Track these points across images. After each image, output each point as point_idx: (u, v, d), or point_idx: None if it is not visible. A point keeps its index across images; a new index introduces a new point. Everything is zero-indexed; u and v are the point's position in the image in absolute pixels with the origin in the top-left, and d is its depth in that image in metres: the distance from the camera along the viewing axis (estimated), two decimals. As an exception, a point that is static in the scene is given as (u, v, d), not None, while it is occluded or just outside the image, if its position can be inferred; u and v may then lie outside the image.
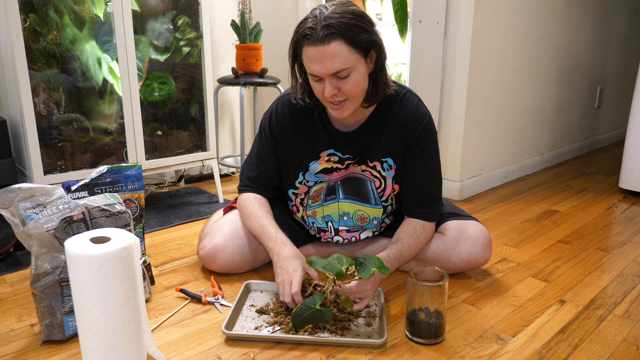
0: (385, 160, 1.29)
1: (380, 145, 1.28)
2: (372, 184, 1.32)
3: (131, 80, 1.84)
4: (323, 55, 1.07)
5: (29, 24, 1.61)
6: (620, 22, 3.21)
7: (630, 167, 2.24)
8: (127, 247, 0.88)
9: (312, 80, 1.15)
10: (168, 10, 1.94)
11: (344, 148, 1.29)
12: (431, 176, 1.30)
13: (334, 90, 1.11)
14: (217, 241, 1.36)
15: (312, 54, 1.08)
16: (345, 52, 1.07)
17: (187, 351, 1.04)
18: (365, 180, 1.32)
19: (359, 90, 1.14)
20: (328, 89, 1.11)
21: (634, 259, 1.54)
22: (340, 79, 1.11)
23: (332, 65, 1.07)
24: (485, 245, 1.34)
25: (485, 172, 2.34)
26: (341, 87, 1.11)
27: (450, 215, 1.39)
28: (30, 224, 1.00)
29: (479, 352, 1.04)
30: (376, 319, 1.16)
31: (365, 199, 1.34)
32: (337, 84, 1.11)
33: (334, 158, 1.30)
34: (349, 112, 1.17)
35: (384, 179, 1.31)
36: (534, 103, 2.58)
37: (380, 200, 1.34)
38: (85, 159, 1.81)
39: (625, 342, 1.09)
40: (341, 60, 1.07)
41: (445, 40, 2.09)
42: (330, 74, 1.09)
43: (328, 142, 1.29)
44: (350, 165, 1.31)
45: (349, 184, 1.34)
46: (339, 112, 1.16)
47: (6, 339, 1.09)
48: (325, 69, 1.08)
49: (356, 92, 1.14)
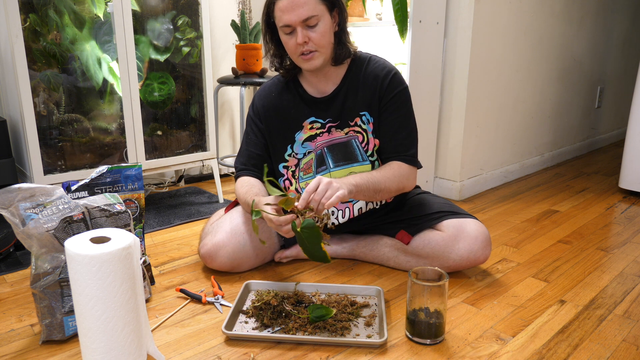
0: (363, 114, 1.38)
1: (357, 102, 1.37)
2: (356, 140, 1.39)
3: (131, 80, 1.84)
4: (294, 4, 1.22)
5: (29, 24, 1.61)
6: (620, 22, 3.21)
7: (630, 167, 2.24)
8: (127, 247, 0.88)
9: (284, 35, 1.28)
10: (168, 10, 1.94)
11: (323, 113, 1.39)
12: (405, 122, 1.37)
13: (304, 38, 1.25)
14: (219, 238, 1.36)
15: (284, 5, 1.23)
16: (313, 1, 1.24)
17: (187, 351, 1.04)
18: (349, 140, 1.39)
19: (326, 40, 1.28)
20: (299, 37, 1.25)
21: (634, 259, 1.54)
22: (310, 28, 1.25)
23: (302, 12, 1.22)
24: (485, 243, 1.34)
25: (485, 172, 2.34)
26: (310, 36, 1.25)
27: (449, 214, 1.39)
28: (30, 224, 1.00)
29: (479, 352, 1.04)
30: (376, 319, 1.16)
31: (353, 158, 1.39)
32: (307, 33, 1.25)
33: (316, 125, 1.39)
34: (319, 63, 1.29)
35: (366, 132, 1.39)
36: (534, 103, 2.58)
37: (366, 155, 1.39)
38: (85, 159, 1.81)
39: (625, 342, 1.09)
40: (310, 8, 1.23)
41: (445, 40, 2.09)
42: (301, 20, 1.23)
43: (308, 111, 1.39)
44: (333, 129, 1.39)
45: (336, 151, 1.39)
46: (309, 63, 1.29)
47: (6, 339, 1.09)
48: (296, 15, 1.22)
49: (324, 42, 1.28)
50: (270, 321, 1.12)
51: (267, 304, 1.17)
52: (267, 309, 1.15)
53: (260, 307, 1.16)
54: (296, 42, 1.26)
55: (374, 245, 1.45)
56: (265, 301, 1.17)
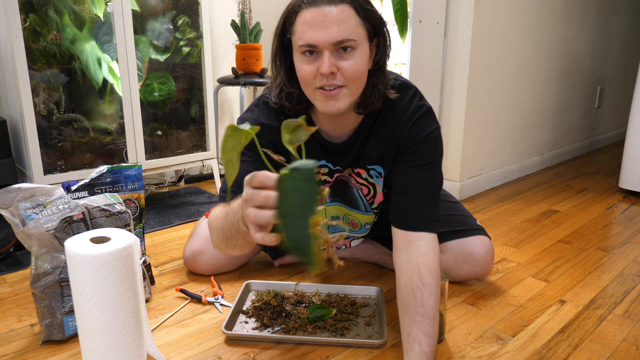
0: (372, 168, 1.15)
1: (371, 154, 1.12)
2: (360, 192, 1.21)
3: (131, 80, 1.84)
4: (327, 18, 0.89)
5: (29, 24, 1.61)
6: (620, 22, 3.21)
7: (630, 167, 2.24)
8: (127, 247, 0.88)
9: (302, 57, 0.95)
10: (168, 10, 1.94)
11: (335, 160, 1.15)
12: (429, 175, 1.07)
13: (332, 67, 0.92)
14: (195, 246, 1.36)
15: (312, 17, 0.90)
16: (354, 20, 0.91)
17: (187, 351, 1.04)
18: (352, 187, 1.21)
19: (360, 75, 0.95)
20: (326, 64, 0.91)
21: (634, 259, 1.54)
22: (343, 54, 0.93)
23: (336, 32, 0.89)
24: (487, 264, 1.29)
25: (485, 172, 2.34)
26: (342, 65, 0.93)
27: (452, 234, 1.28)
28: (30, 224, 1.00)
29: (479, 352, 1.04)
30: (376, 319, 1.16)
31: (353, 205, 1.25)
32: (338, 62, 0.93)
33: (324, 170, 1.17)
34: (344, 106, 0.96)
35: (373, 186, 1.19)
36: (534, 103, 2.58)
37: (370, 207, 1.24)
38: (85, 159, 1.81)
39: (625, 342, 1.09)
40: (347, 28, 0.90)
41: (445, 40, 2.09)
42: (333, 42, 0.90)
43: (320, 154, 1.14)
44: (336, 175, 1.20)
45: (335, 186, 1.22)
46: (331, 103, 0.95)
47: (6, 339, 1.09)
48: (327, 35, 0.90)
49: (356, 78, 0.95)
50: (270, 321, 1.12)
51: (267, 304, 1.17)
52: (267, 309, 1.15)
53: (260, 307, 1.16)
54: (318, 71, 0.93)
55: (376, 250, 1.45)
56: (265, 301, 1.17)
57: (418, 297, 0.95)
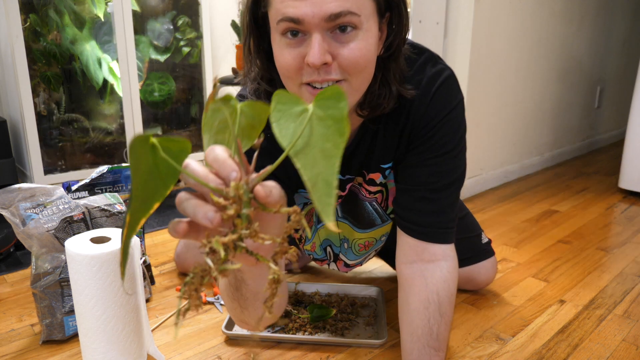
0: (387, 167, 0.93)
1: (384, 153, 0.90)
2: (374, 203, 1.00)
3: (131, 80, 1.84)
4: None
5: (29, 24, 1.62)
6: (620, 22, 3.21)
7: (630, 167, 2.24)
8: (127, 247, 0.88)
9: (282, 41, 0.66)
10: (168, 11, 1.94)
11: (343, 169, 0.91)
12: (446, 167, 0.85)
13: (324, 56, 0.64)
14: (179, 249, 1.38)
15: None
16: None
17: (187, 351, 1.04)
18: (363, 201, 1.00)
19: (365, 64, 0.67)
20: (316, 52, 0.63)
21: (633, 259, 1.54)
22: (340, 35, 0.65)
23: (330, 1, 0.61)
24: (489, 283, 1.28)
25: (485, 172, 2.34)
26: (338, 52, 0.65)
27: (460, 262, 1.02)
28: (30, 224, 1.00)
29: (479, 352, 1.04)
30: (376, 319, 1.16)
31: (366, 224, 1.03)
32: (333, 45, 0.65)
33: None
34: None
35: (385, 186, 0.97)
36: (533, 103, 2.58)
37: (386, 214, 1.02)
38: (85, 159, 1.81)
39: (625, 342, 1.09)
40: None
41: (445, 40, 2.09)
42: (325, 16, 0.62)
43: None
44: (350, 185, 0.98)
45: (347, 198, 1.01)
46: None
47: (6, 339, 1.09)
48: (316, 4, 0.61)
49: (360, 69, 0.67)
50: None
51: None
52: None
53: None
54: (304, 60, 0.65)
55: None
56: None
57: (434, 329, 0.84)
